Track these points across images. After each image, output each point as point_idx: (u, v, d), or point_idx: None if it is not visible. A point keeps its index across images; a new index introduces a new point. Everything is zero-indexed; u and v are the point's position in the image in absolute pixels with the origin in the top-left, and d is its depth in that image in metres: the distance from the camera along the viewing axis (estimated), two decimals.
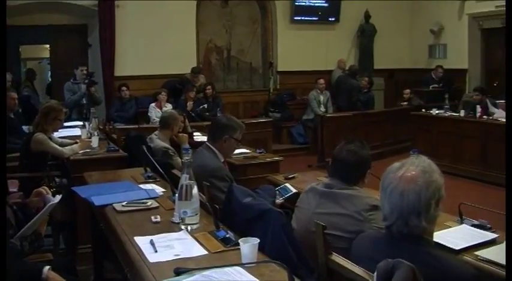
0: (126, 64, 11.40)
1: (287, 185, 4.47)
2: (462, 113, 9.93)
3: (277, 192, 4.36)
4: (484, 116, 9.47)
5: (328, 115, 11.13)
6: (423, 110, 10.83)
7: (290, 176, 4.96)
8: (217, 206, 3.23)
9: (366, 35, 14.20)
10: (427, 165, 2.36)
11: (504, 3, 12.55)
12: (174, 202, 3.33)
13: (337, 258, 2.57)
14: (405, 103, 12.47)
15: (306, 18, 13.54)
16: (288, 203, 4.16)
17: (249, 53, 13.38)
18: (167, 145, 6.01)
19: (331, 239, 2.75)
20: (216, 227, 3.02)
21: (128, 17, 11.38)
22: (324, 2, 13.69)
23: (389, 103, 14.03)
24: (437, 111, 10.32)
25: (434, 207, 2.30)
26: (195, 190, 3.08)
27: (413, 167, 2.34)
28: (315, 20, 13.68)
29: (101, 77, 11.06)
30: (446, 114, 10.18)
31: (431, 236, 2.40)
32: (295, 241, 3.00)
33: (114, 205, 3.63)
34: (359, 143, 3.33)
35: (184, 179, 3.08)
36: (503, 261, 2.87)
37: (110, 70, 11.28)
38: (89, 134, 6.92)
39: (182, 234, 3.02)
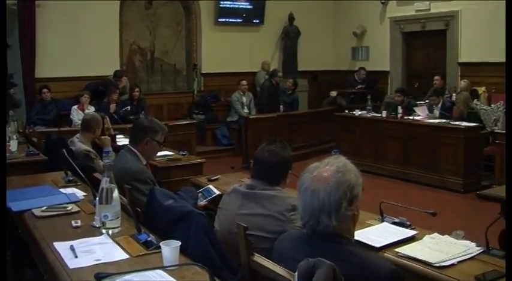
0: (48, 66, 11.09)
1: (210, 187, 4.46)
2: (384, 113, 10.11)
3: (200, 194, 4.35)
4: (406, 117, 9.69)
5: (252, 117, 11.15)
6: (346, 111, 10.99)
7: (213, 178, 4.96)
8: (138, 209, 3.20)
9: (290, 37, 14.32)
10: (342, 165, 2.37)
11: (424, 8, 12.97)
12: (95, 205, 3.28)
13: (259, 259, 2.57)
14: (330, 97, 12.61)
15: (230, 20, 13.56)
16: (212, 205, 4.15)
17: (173, 54, 13.28)
18: (89, 148, 5.91)
19: (253, 240, 2.75)
20: (138, 230, 2.99)
21: (49, 17, 11.09)
22: (248, 4, 13.73)
23: (313, 104, 14.20)
24: (360, 112, 10.50)
25: (346, 206, 2.30)
26: (115, 193, 3.04)
27: (328, 167, 2.35)
28: (239, 22, 13.71)
29: (21, 79, 10.76)
30: (368, 115, 10.35)
31: (351, 234, 2.43)
32: (217, 242, 3.00)
33: (33, 210, 3.54)
34: (280, 143, 3.34)
35: (105, 183, 3.03)
36: (422, 257, 2.98)
37: (31, 72, 10.95)
38: (7, 138, 6.73)
39: (103, 238, 2.98)
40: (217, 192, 4.32)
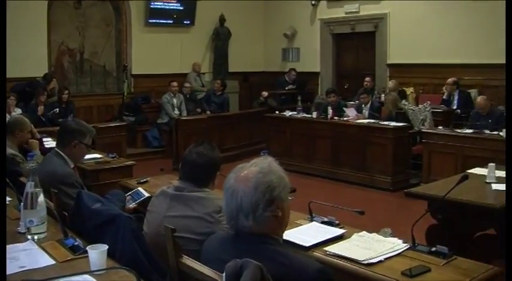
0: None
1: (140, 189, 4.42)
2: (314, 114, 10.20)
3: (129, 197, 4.31)
4: (335, 117, 9.81)
5: (182, 118, 11.10)
6: (277, 112, 11.04)
7: (143, 181, 4.92)
8: (65, 213, 3.13)
9: (220, 38, 14.32)
10: (266, 166, 2.37)
11: (353, 10, 13.16)
12: (20, 211, 3.19)
13: (188, 260, 2.55)
14: (261, 99, 12.67)
15: (161, 21, 13.45)
16: (141, 208, 4.11)
17: (103, 55, 13.09)
18: (14, 152, 5.75)
19: (183, 242, 2.74)
20: (64, 235, 2.93)
21: None
22: (179, 5, 13.66)
23: (244, 106, 14.24)
24: (290, 113, 10.58)
25: (264, 208, 2.30)
26: (41, 198, 2.96)
27: (252, 168, 2.36)
28: (169, 23, 13.62)
29: None
30: (299, 116, 10.42)
31: (279, 235, 2.44)
32: (146, 245, 2.97)
33: None
34: (208, 145, 3.33)
35: (30, 187, 2.95)
36: (350, 255, 3.03)
37: None
38: None
39: (28, 244, 2.89)
40: (146, 194, 4.28)
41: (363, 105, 10.19)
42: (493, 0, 10.87)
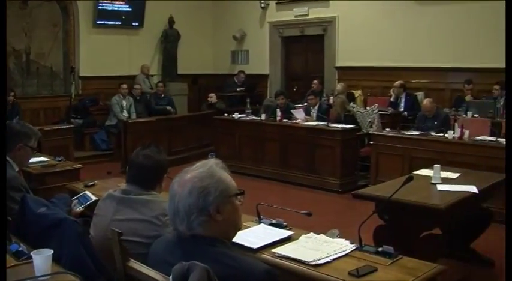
0: None
1: (87, 193, 4.36)
2: (263, 116, 10.23)
3: (76, 200, 4.24)
4: (284, 119, 9.85)
5: (131, 121, 11.00)
6: (226, 114, 11.03)
7: (90, 184, 4.86)
8: (9, 218, 3.08)
9: (169, 40, 14.26)
10: (206, 169, 2.36)
11: (302, 14, 13.25)
12: None
13: (135, 264, 2.54)
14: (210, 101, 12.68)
15: (109, 22, 13.32)
16: (88, 211, 4.06)
17: (50, 57, 12.88)
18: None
19: (130, 246, 2.73)
20: (8, 240, 2.87)
21: None
22: (127, 6, 13.55)
23: (193, 108, 14.19)
24: (239, 116, 10.58)
25: (199, 212, 2.30)
26: None
27: (196, 172, 2.36)
28: (118, 24, 13.49)
29: None
30: (248, 118, 10.44)
31: (227, 237, 2.43)
32: (92, 249, 2.93)
33: None
34: (155, 147, 3.32)
35: None
36: (297, 256, 3.04)
37: None
38: None
39: None
40: (93, 198, 4.22)
41: (311, 108, 10.25)
42: (439, 5, 11.12)
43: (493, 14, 10.47)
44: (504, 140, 7.72)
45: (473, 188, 4.98)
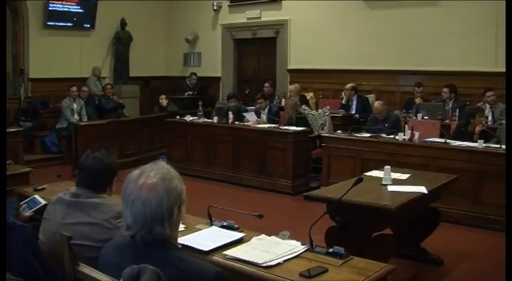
0: None
1: (36, 196, 4.28)
2: (215, 119, 10.23)
3: (25, 205, 4.17)
4: (236, 122, 9.85)
5: (82, 123, 10.86)
6: (178, 116, 10.98)
7: (40, 188, 4.78)
8: None
9: (121, 42, 14.15)
10: (166, 171, 2.36)
11: (255, 16, 13.28)
12: None
13: (84, 268, 2.52)
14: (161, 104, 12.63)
15: (60, 23, 13.15)
16: (38, 216, 3.99)
17: None
18: None
19: (80, 250, 2.70)
20: None
21: None
22: (79, 8, 13.39)
23: (145, 110, 14.09)
24: (191, 118, 10.54)
25: (177, 213, 2.32)
26: None
27: (153, 175, 2.33)
28: (69, 26, 13.32)
29: None
30: (200, 121, 10.42)
31: (176, 240, 2.44)
32: (41, 254, 2.87)
33: None
34: (105, 150, 3.28)
35: None
36: (249, 258, 3.04)
37: None
38: None
39: None
40: (43, 202, 4.14)
41: (261, 110, 10.29)
42: (390, 8, 11.28)
43: (443, 18, 10.69)
44: (453, 141, 7.88)
45: (422, 189, 5.05)
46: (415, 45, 11.11)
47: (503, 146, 7.39)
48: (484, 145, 7.53)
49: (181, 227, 3.46)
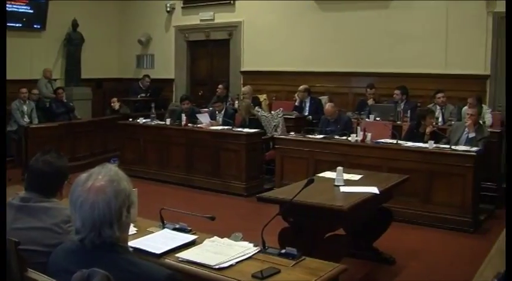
0: None
1: None
2: (168, 121, 10.17)
3: None
4: (189, 124, 9.82)
5: (32, 126, 10.68)
6: (130, 119, 10.91)
7: None
8: None
9: (73, 43, 13.96)
10: (114, 174, 2.35)
11: (208, 18, 13.27)
12: None
13: (33, 274, 2.48)
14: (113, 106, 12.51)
15: (9, 24, 12.86)
16: None
17: None
18: None
19: (29, 255, 2.65)
20: None
21: None
22: (28, 8, 13.15)
23: (97, 113, 13.94)
24: (144, 120, 10.46)
25: (126, 214, 2.31)
26: None
27: (101, 177, 2.31)
28: (19, 26, 13.07)
29: None
30: (153, 123, 10.34)
31: (126, 242, 2.42)
32: None
33: None
34: (55, 153, 3.22)
35: None
36: (201, 260, 3.04)
37: None
38: None
39: None
40: None
41: (217, 113, 10.27)
42: (343, 11, 11.39)
43: (395, 21, 10.85)
44: (404, 142, 7.99)
45: (374, 189, 5.12)
46: (367, 47, 11.23)
47: (453, 147, 7.56)
48: (435, 145, 7.66)
49: (133, 230, 3.44)
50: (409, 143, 7.92)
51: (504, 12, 9.66)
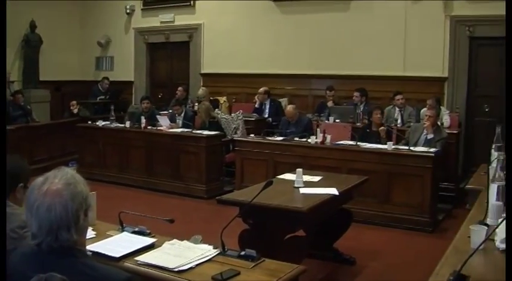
0: None
1: None
2: (128, 124, 10.11)
3: None
4: (149, 126, 9.78)
5: None
6: (90, 122, 10.81)
7: None
8: None
9: (31, 45, 13.73)
10: (70, 176, 2.32)
11: (168, 20, 13.22)
12: None
13: None
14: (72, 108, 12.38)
15: None
16: None
17: None
18: None
19: None
20: None
21: None
22: None
23: (56, 116, 13.76)
24: (103, 123, 10.38)
25: (84, 218, 2.28)
26: None
27: (57, 180, 2.29)
28: None
29: None
30: (112, 126, 10.26)
31: (84, 246, 2.39)
32: None
33: None
34: (14, 156, 3.17)
35: None
36: (160, 263, 3.03)
37: None
38: None
39: None
40: None
41: (177, 115, 10.24)
42: (303, 13, 11.45)
43: (354, 23, 10.95)
44: (363, 143, 8.06)
45: (333, 191, 5.15)
46: (327, 49, 11.30)
47: (412, 148, 7.65)
48: (393, 146, 7.75)
49: (92, 234, 3.42)
50: (368, 145, 8.00)
51: (461, 15, 9.91)
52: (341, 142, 8.19)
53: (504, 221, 2.82)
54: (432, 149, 7.58)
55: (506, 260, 2.50)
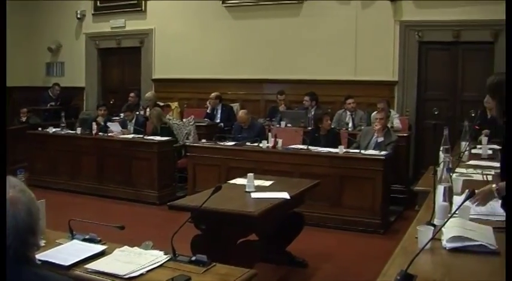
0: None
1: None
2: (79, 130, 10.01)
3: None
4: (100, 133, 9.70)
5: None
6: (40, 128, 10.66)
7: None
8: None
9: None
10: (19, 184, 2.30)
11: (119, 25, 13.13)
12: None
13: None
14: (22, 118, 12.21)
15: None
16: None
17: None
18: None
19: None
20: None
21: None
22: None
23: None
24: (54, 130, 10.26)
25: (39, 223, 2.26)
26: None
27: (12, 189, 2.27)
28: None
29: None
30: (63, 132, 10.16)
31: (34, 255, 2.36)
32: None
33: None
34: None
35: None
36: (110, 270, 3.00)
37: None
38: None
39: None
40: None
41: (128, 121, 10.19)
42: (253, 18, 11.50)
43: (305, 28, 11.05)
44: (315, 147, 8.13)
45: (285, 195, 5.19)
46: (278, 54, 11.38)
47: (363, 151, 7.76)
48: (345, 150, 7.83)
49: (41, 242, 3.37)
50: (320, 148, 8.06)
51: (410, 21, 10.11)
52: (292, 146, 8.24)
53: (448, 221, 2.90)
54: (383, 152, 7.69)
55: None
